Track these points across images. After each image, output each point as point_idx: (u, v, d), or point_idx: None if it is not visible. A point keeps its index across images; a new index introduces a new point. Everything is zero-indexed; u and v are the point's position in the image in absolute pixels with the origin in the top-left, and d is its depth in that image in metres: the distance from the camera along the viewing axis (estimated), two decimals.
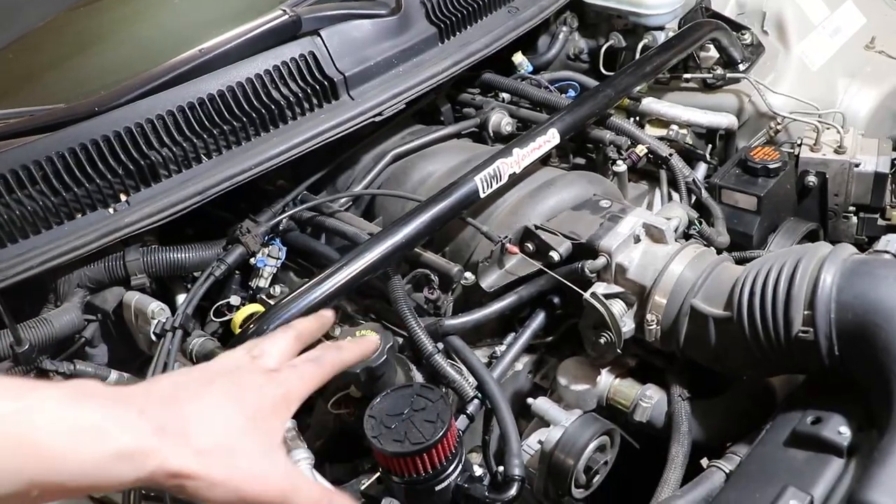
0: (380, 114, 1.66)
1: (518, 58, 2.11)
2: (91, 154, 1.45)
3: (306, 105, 1.64)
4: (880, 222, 1.80)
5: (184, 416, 0.80)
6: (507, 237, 1.46)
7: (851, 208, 1.82)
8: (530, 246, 1.45)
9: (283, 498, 0.83)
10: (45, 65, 1.79)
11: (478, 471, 1.25)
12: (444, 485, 1.19)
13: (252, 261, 1.58)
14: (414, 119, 1.97)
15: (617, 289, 1.37)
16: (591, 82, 2.07)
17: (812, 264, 1.17)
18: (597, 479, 1.29)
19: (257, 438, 0.83)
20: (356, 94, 1.67)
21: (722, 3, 2.16)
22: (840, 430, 1.05)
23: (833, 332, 1.11)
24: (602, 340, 1.36)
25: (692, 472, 1.23)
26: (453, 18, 1.83)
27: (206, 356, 1.40)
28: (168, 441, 0.76)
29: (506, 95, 2.00)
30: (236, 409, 0.83)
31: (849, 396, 1.10)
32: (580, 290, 1.36)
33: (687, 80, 2.05)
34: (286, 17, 1.64)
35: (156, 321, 1.45)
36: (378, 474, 1.25)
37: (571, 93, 2.06)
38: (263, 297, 1.57)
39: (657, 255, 1.38)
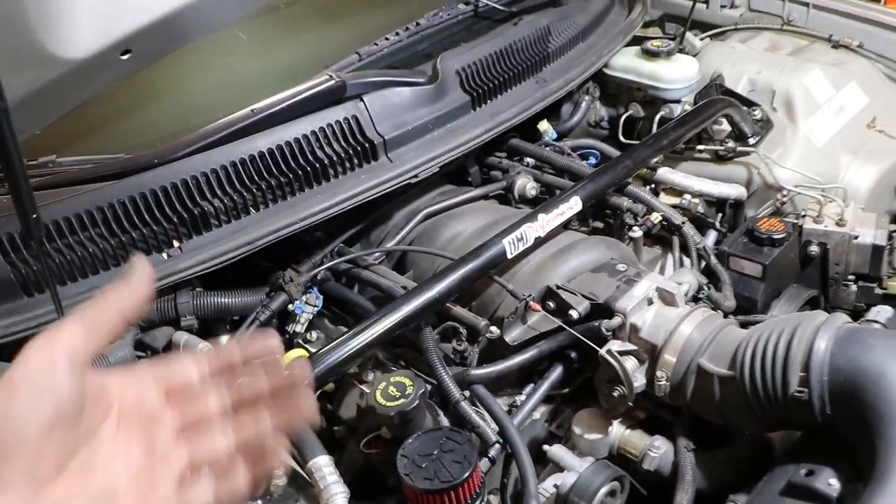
0: (415, 176, 1.79)
1: (543, 125, 2.24)
2: (149, 202, 1.57)
3: (348, 165, 1.76)
4: (878, 291, 1.90)
5: None
6: (530, 295, 1.57)
7: (851, 277, 1.92)
8: (552, 304, 1.56)
9: None
10: (107, 116, 1.91)
11: None
12: None
13: (290, 307, 1.70)
14: (444, 179, 2.09)
15: (630, 347, 1.48)
16: (611, 150, 2.20)
17: (808, 331, 1.28)
18: None
19: None
20: (394, 156, 1.80)
21: (735, 80, 2.29)
22: (830, 482, 1.16)
23: (825, 393, 1.22)
24: (615, 394, 1.47)
25: None
26: (485, 88, 1.96)
27: None
28: None
29: (531, 160, 2.13)
30: None
31: (839, 452, 1.20)
32: (596, 347, 1.47)
33: (700, 152, 2.16)
34: (333, 81, 1.77)
35: None
36: None
37: (592, 160, 2.20)
38: (300, 341, 1.68)
39: (668, 317, 1.49)
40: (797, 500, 1.18)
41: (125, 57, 1.49)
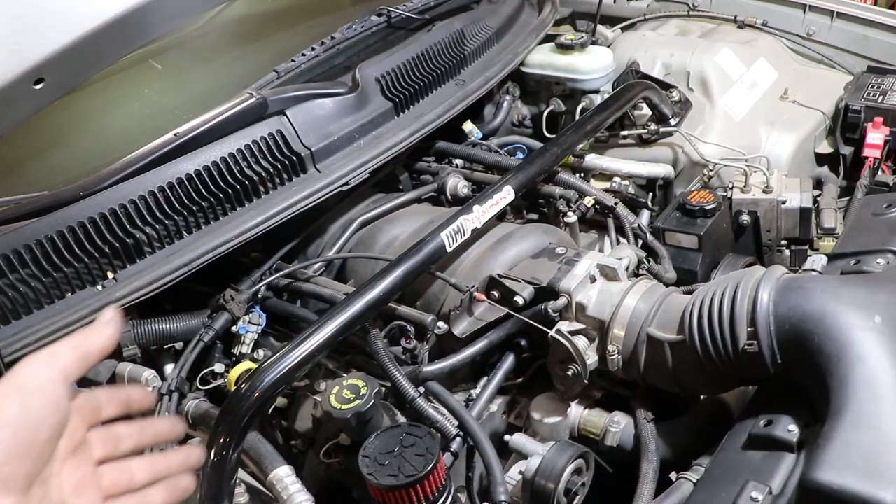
0: (346, 183, 1.78)
1: (468, 126, 2.26)
2: (78, 235, 1.53)
3: (277, 179, 1.75)
4: (810, 253, 1.95)
5: None
6: (474, 286, 1.57)
7: (783, 242, 1.99)
8: (496, 293, 1.56)
9: None
10: (24, 157, 1.86)
11: None
12: None
13: (234, 329, 1.67)
14: (376, 189, 2.09)
15: (579, 325, 1.49)
16: (538, 145, 2.23)
17: (750, 285, 1.30)
18: (577, 501, 1.39)
19: None
20: (322, 166, 1.79)
21: (650, 66, 2.35)
22: (789, 429, 1.18)
23: (774, 342, 1.24)
24: (570, 373, 1.47)
25: (663, 487, 1.33)
26: (406, 93, 1.97)
27: (202, 417, 1.48)
28: None
29: (459, 161, 2.14)
30: None
31: (795, 399, 1.23)
32: (546, 329, 1.47)
33: (624, 137, 2.22)
34: (253, 99, 1.75)
35: (150, 387, 1.52)
36: None
37: (520, 154, 2.22)
38: (248, 361, 1.65)
39: (612, 291, 1.50)
40: (759, 450, 1.20)
41: (38, 87, 1.45)
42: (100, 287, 1.57)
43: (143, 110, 2.00)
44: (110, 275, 1.58)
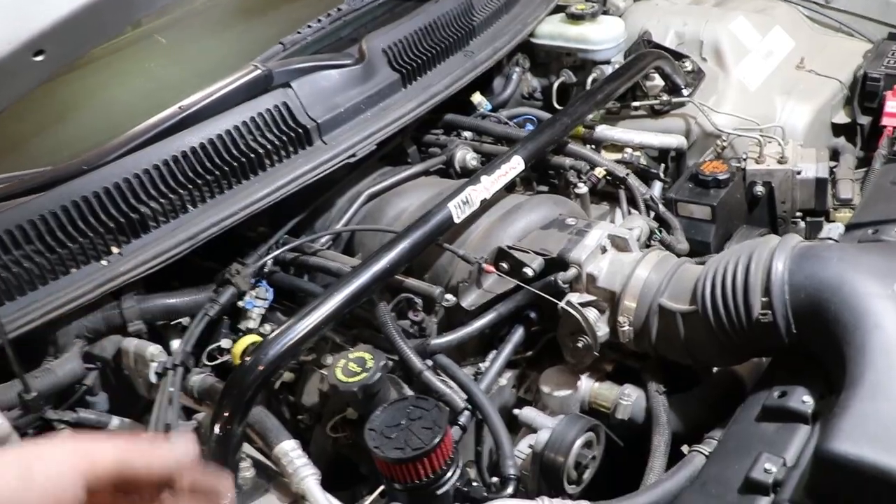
0: (353, 155, 1.76)
1: (477, 98, 2.23)
2: (82, 210, 1.52)
3: (283, 152, 1.73)
4: (826, 224, 1.90)
5: None
6: (483, 258, 1.55)
7: (798, 214, 1.94)
8: (505, 265, 1.54)
9: None
10: (29, 133, 1.85)
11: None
12: (444, 489, 1.25)
13: (241, 304, 1.65)
14: (383, 162, 2.06)
15: (589, 297, 1.47)
16: (548, 116, 2.19)
17: (765, 254, 1.27)
18: (587, 475, 1.37)
19: None
20: (329, 138, 1.77)
21: (662, 35, 2.31)
22: (804, 400, 1.15)
23: (789, 311, 1.21)
24: (580, 345, 1.45)
25: (675, 460, 1.31)
26: (414, 64, 1.94)
27: (208, 391, 1.47)
28: None
29: (468, 133, 2.11)
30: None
31: (810, 370, 1.20)
32: (556, 301, 1.45)
33: (636, 108, 2.17)
34: (258, 71, 1.74)
35: (155, 363, 1.51)
36: (378, 492, 1.30)
37: (529, 126, 2.18)
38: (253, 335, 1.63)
39: (623, 262, 1.47)
40: (773, 422, 1.17)
41: (38, 58, 1.43)
42: (105, 262, 1.56)
43: (148, 85, 1.98)
44: (115, 250, 1.57)
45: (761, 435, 1.16)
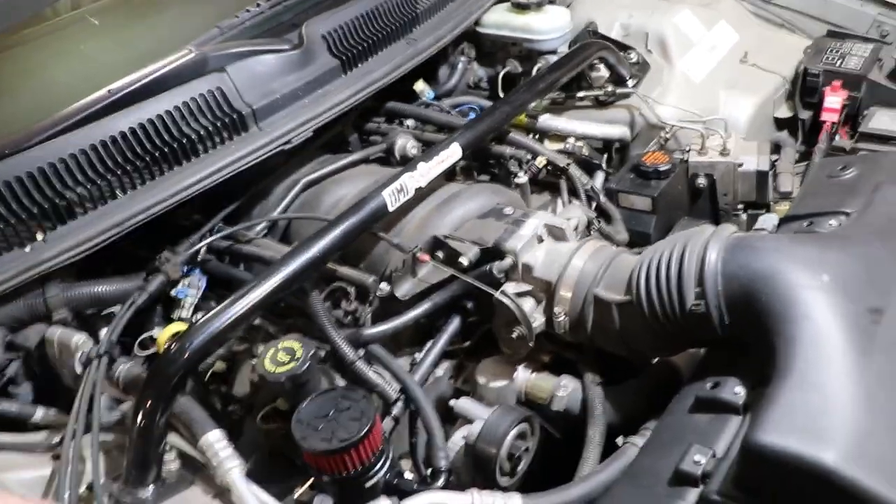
0: (288, 141, 1.72)
1: (420, 86, 2.20)
2: (3, 195, 1.47)
3: (216, 138, 1.69)
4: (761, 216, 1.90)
5: None
6: (417, 247, 1.52)
7: (740, 206, 1.94)
8: (440, 254, 1.51)
9: None
10: None
11: (409, 475, 1.29)
12: (373, 481, 1.22)
13: (173, 292, 1.61)
14: (323, 150, 2.03)
15: (525, 287, 1.44)
16: None
17: (699, 244, 1.26)
18: (521, 467, 1.35)
19: None
20: (264, 125, 1.73)
21: (608, 27, 2.30)
22: (736, 391, 1.14)
23: (722, 302, 1.20)
24: (515, 335, 1.43)
25: (610, 451, 1.29)
26: (354, 51, 1.91)
27: (133, 381, 1.42)
28: None
29: (410, 122, 2.08)
30: None
31: (743, 360, 1.18)
32: (492, 291, 1.42)
33: (581, 99, 2.15)
34: (192, 55, 1.69)
35: (80, 352, 1.45)
36: (311, 480, 1.27)
37: (473, 115, 2.15)
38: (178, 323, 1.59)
39: (560, 252, 1.45)
40: (705, 413, 1.16)
41: None
42: (28, 248, 1.50)
43: (80, 68, 1.91)
44: (39, 236, 1.52)
45: (693, 426, 1.14)
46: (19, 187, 1.48)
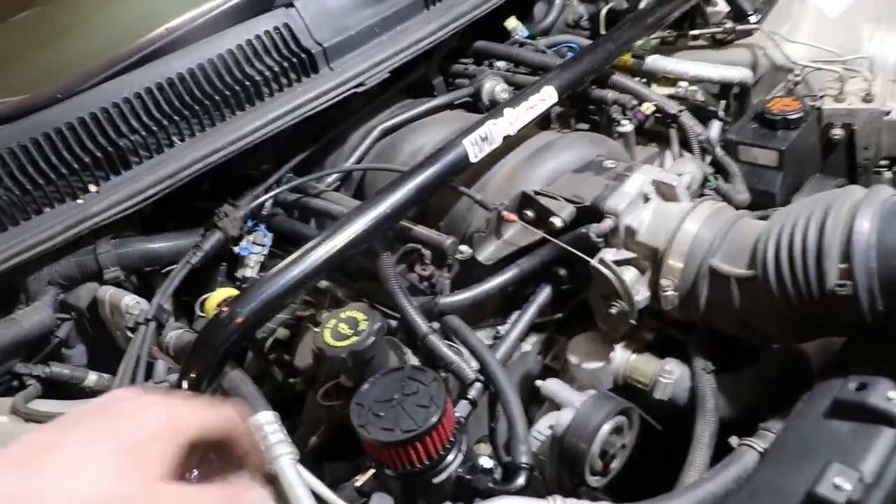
0: (362, 83, 1.59)
1: (512, 23, 2.02)
2: (55, 144, 1.40)
3: (283, 80, 1.57)
4: None
5: (40, 477, 0.67)
6: (502, 204, 1.36)
7: (884, 162, 1.70)
8: (529, 213, 1.34)
9: None
10: (7, 59, 1.70)
11: (488, 463, 1.13)
12: (442, 476, 1.07)
13: (236, 249, 1.50)
14: (403, 95, 1.89)
15: (627, 254, 1.26)
16: None
17: (845, 209, 1.05)
18: (615, 465, 1.18)
19: (133, 478, 0.71)
20: (337, 65, 1.61)
21: None
22: (889, 396, 0.94)
23: (874, 283, 0.99)
24: (614, 311, 1.25)
25: (721, 452, 1.12)
26: None
27: (184, 348, 1.31)
28: None
29: (501, 63, 1.91)
30: (106, 449, 0.71)
31: None
32: (587, 258, 1.24)
33: (695, 38, 1.96)
34: None
35: (128, 315, 1.35)
36: (370, 473, 1.14)
37: (571, 56, 1.96)
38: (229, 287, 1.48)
39: (669, 213, 1.26)
40: (847, 420, 0.96)
41: None
42: (80, 200, 1.42)
43: (137, 6, 1.79)
44: (93, 188, 1.44)
45: (831, 436, 0.95)
46: (71, 135, 1.41)
